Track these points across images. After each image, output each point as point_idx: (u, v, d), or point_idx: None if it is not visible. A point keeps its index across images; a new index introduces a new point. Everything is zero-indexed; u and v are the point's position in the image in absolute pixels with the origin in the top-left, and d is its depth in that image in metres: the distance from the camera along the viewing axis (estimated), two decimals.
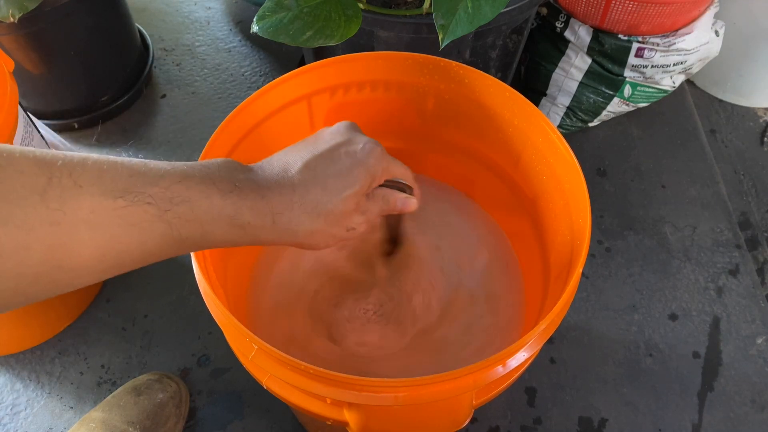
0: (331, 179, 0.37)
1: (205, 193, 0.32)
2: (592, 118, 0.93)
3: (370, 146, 0.40)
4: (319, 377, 0.36)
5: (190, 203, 0.31)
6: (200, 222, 0.32)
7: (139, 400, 0.65)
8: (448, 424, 0.43)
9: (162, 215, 0.30)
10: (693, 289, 0.81)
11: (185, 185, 0.31)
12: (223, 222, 0.33)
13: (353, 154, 0.39)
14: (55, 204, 0.26)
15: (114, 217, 0.28)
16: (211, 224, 0.32)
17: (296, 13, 0.54)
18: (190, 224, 0.31)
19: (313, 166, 0.38)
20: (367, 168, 0.39)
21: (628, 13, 0.78)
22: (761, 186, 1.01)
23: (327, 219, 0.37)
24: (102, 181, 0.28)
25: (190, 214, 0.31)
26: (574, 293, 0.41)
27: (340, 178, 0.38)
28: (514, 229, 0.60)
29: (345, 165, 0.38)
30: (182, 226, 0.31)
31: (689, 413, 0.72)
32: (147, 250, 0.30)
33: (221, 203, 0.33)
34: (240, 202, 0.33)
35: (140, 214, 0.29)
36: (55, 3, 0.78)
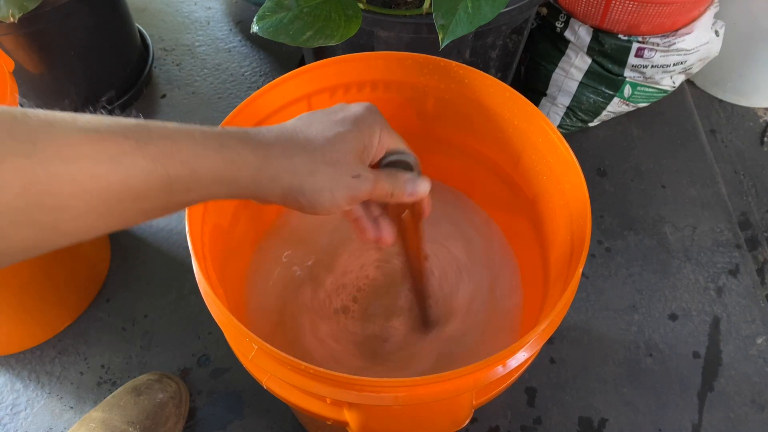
0: (328, 124, 0.36)
1: (186, 131, 0.30)
2: (592, 118, 0.93)
3: (366, 103, 0.39)
4: (319, 377, 0.36)
5: (171, 139, 0.29)
6: (185, 157, 0.30)
7: (139, 400, 0.65)
8: (448, 424, 0.43)
9: (142, 148, 0.28)
10: (693, 289, 0.81)
11: (163, 125, 0.30)
12: (210, 155, 0.31)
13: (347, 109, 0.38)
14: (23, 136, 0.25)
15: (89, 150, 0.26)
16: (197, 158, 0.30)
17: (296, 13, 0.54)
18: (175, 159, 0.29)
19: (306, 116, 0.37)
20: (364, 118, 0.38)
21: (628, 13, 0.78)
22: (761, 186, 1.01)
23: (326, 158, 0.35)
24: (74, 120, 0.27)
25: (172, 148, 0.29)
26: (574, 293, 0.41)
27: (336, 123, 0.37)
28: (514, 229, 0.60)
29: (340, 115, 0.37)
30: (167, 162, 0.29)
31: (689, 413, 0.72)
32: (132, 189, 0.28)
33: (205, 137, 0.31)
34: (226, 138, 0.32)
35: (118, 146, 0.27)
36: (55, 3, 0.78)
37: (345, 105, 0.39)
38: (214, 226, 0.48)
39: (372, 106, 0.39)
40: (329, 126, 0.36)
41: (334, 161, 0.35)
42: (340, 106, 0.39)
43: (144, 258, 0.82)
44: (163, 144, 0.29)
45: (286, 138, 0.35)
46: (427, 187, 0.41)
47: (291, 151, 0.34)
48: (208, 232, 0.47)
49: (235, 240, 0.53)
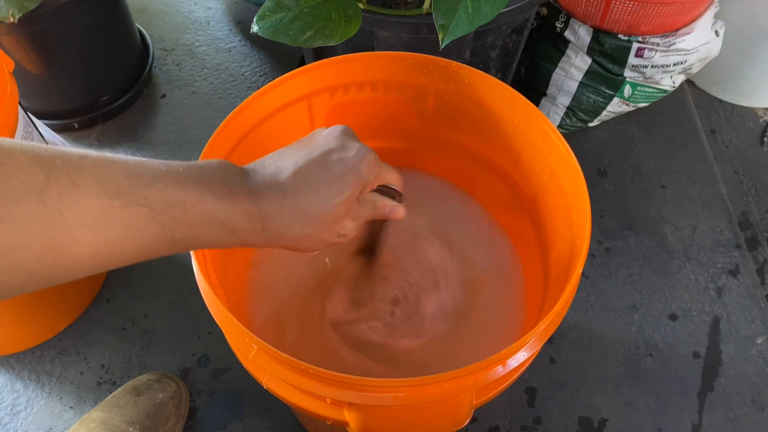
0: (323, 185, 0.37)
1: (199, 196, 0.32)
2: (592, 118, 0.93)
3: (363, 152, 0.40)
4: (319, 377, 0.36)
5: (184, 206, 0.32)
6: (193, 225, 0.32)
7: (139, 400, 0.65)
8: (448, 424, 0.43)
9: (156, 217, 0.30)
10: (693, 289, 0.81)
11: (180, 188, 0.32)
12: (216, 225, 0.33)
13: (346, 161, 0.39)
14: (52, 203, 0.26)
15: (110, 218, 0.28)
16: (203, 227, 0.33)
17: (296, 13, 0.54)
18: (183, 226, 0.32)
19: (305, 171, 0.38)
20: (359, 175, 0.39)
21: (628, 13, 0.78)
22: (761, 186, 1.01)
23: (317, 225, 0.38)
24: (99, 182, 0.28)
25: (183, 217, 0.32)
26: (574, 293, 0.41)
27: (331, 184, 0.38)
28: (514, 229, 0.60)
29: (337, 171, 0.38)
30: (175, 228, 0.31)
31: (689, 413, 0.72)
32: (140, 249, 0.31)
33: (214, 207, 0.33)
34: (232, 208, 0.34)
35: (135, 215, 0.29)
36: (55, 3, 0.78)
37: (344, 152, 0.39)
38: None
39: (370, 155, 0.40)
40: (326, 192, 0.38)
41: (324, 227, 0.38)
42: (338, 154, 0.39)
43: None
44: (175, 213, 0.31)
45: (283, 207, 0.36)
46: (402, 214, 0.43)
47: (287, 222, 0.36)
48: None
49: None
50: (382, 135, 0.60)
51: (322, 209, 0.37)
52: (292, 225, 0.37)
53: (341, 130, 0.41)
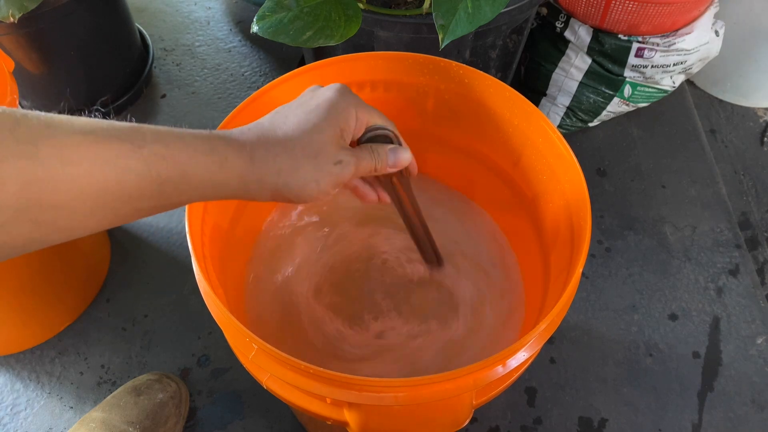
0: (301, 116, 0.37)
1: (177, 135, 0.32)
2: (592, 118, 0.93)
3: (336, 85, 0.40)
4: (319, 377, 0.36)
5: (164, 143, 0.31)
6: (177, 161, 0.31)
7: (139, 400, 0.65)
8: (448, 424, 0.43)
9: (137, 151, 0.30)
10: (693, 289, 0.81)
11: (156, 129, 0.31)
12: (201, 158, 0.32)
13: (319, 95, 0.39)
14: (24, 138, 0.26)
15: (87, 152, 0.28)
16: (188, 162, 0.32)
17: (296, 13, 0.54)
18: (167, 163, 0.31)
19: (281, 111, 0.38)
20: (335, 102, 0.38)
21: (628, 13, 0.78)
22: (761, 186, 1.01)
23: (306, 152, 0.37)
24: (71, 123, 0.28)
25: (165, 151, 0.31)
26: (574, 293, 0.41)
27: (310, 113, 0.38)
28: (514, 229, 0.60)
29: (313, 104, 0.38)
30: (160, 165, 0.31)
31: (689, 413, 0.72)
32: (126, 190, 0.30)
33: (195, 141, 0.32)
34: (215, 140, 0.33)
35: (114, 150, 0.29)
36: (55, 3, 0.78)
37: (316, 90, 0.40)
38: (214, 226, 0.48)
39: (343, 88, 0.40)
40: (304, 118, 0.37)
41: (315, 153, 0.37)
42: (311, 93, 0.40)
43: (144, 258, 0.82)
44: (156, 148, 0.30)
45: (266, 138, 0.36)
46: (408, 155, 0.43)
47: (273, 150, 0.36)
48: (208, 232, 0.47)
49: (235, 240, 0.53)
50: None
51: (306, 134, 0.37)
52: (281, 156, 0.36)
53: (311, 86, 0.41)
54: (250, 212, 0.56)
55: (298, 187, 0.37)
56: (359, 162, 0.39)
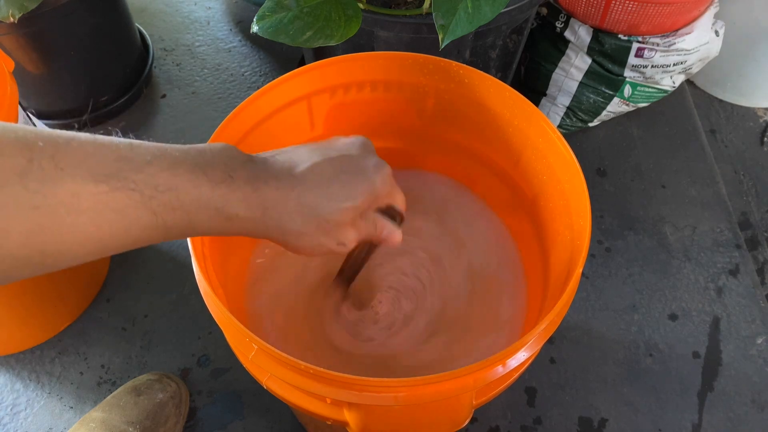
0: (336, 185, 0.36)
1: (193, 182, 0.31)
2: (592, 118, 0.93)
3: (382, 165, 0.39)
4: (319, 377, 0.36)
5: (176, 192, 0.30)
6: (186, 211, 0.31)
7: (139, 400, 0.65)
8: (448, 424, 0.43)
9: (146, 202, 0.29)
10: (693, 289, 0.81)
11: (173, 172, 0.30)
12: (211, 212, 0.32)
13: (364, 169, 0.38)
14: (34, 186, 0.25)
15: (96, 202, 0.27)
16: (197, 214, 0.31)
17: (296, 13, 0.54)
18: (176, 213, 0.30)
19: (320, 168, 0.36)
20: (373, 186, 0.38)
21: (628, 13, 0.78)
22: (761, 186, 1.01)
23: (320, 225, 0.36)
24: (85, 165, 0.27)
25: (176, 203, 0.30)
26: (574, 293, 0.41)
27: (344, 187, 0.37)
28: (514, 229, 0.60)
29: (353, 177, 0.37)
30: (167, 215, 0.30)
31: (689, 413, 0.72)
32: (131, 236, 0.29)
33: (210, 194, 0.31)
34: (230, 194, 0.32)
35: (124, 200, 0.28)
36: (55, 3, 0.78)
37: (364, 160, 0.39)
38: None
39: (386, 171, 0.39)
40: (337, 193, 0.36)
41: (327, 231, 0.36)
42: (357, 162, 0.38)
43: (144, 258, 0.82)
44: (167, 198, 0.30)
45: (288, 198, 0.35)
46: (398, 240, 0.42)
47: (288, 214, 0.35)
48: None
49: (235, 240, 0.53)
50: (382, 135, 0.60)
51: (329, 209, 0.36)
52: (295, 218, 0.35)
53: (363, 141, 0.40)
54: None
55: (293, 247, 0.37)
56: (359, 236, 0.39)
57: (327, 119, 0.57)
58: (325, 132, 0.58)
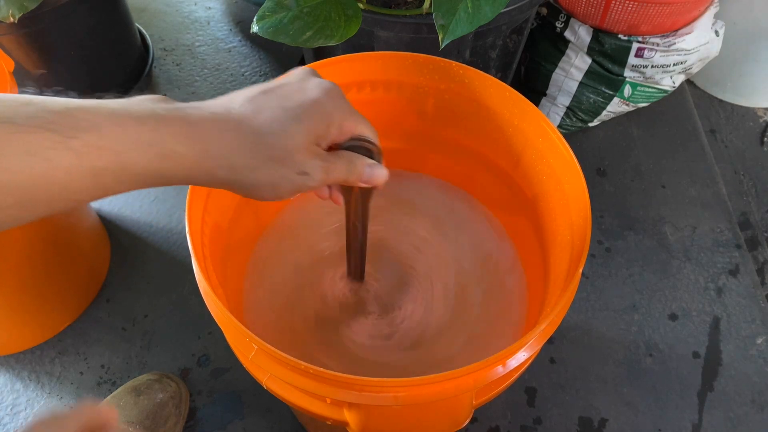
0: (278, 111, 0.33)
1: (116, 120, 0.28)
2: (592, 118, 0.93)
3: (327, 84, 0.35)
4: (319, 377, 0.36)
5: (98, 130, 0.28)
6: (114, 151, 0.28)
7: (139, 400, 0.65)
8: (448, 424, 0.43)
9: (66, 143, 0.27)
10: (693, 289, 0.81)
11: (93, 113, 0.28)
12: (142, 150, 0.29)
13: (305, 90, 0.35)
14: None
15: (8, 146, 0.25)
16: (127, 153, 0.28)
17: (296, 13, 0.54)
18: (103, 152, 0.28)
19: (259, 100, 0.34)
20: (321, 105, 0.34)
21: (628, 13, 0.78)
22: (761, 186, 1.01)
23: (271, 154, 0.33)
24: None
25: (100, 142, 0.28)
26: (574, 293, 0.41)
27: (287, 111, 0.33)
28: (514, 229, 0.60)
29: (295, 100, 0.34)
30: (93, 156, 0.27)
31: (689, 413, 0.72)
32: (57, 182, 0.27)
33: (137, 129, 0.29)
34: (161, 128, 0.30)
35: (39, 141, 0.26)
36: (55, 3, 0.78)
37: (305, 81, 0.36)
38: (214, 226, 0.48)
39: (334, 89, 0.36)
40: (280, 116, 0.33)
41: (280, 158, 0.33)
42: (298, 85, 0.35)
43: (144, 258, 0.82)
44: (90, 137, 0.27)
45: (228, 128, 0.32)
46: (385, 175, 0.39)
47: (232, 144, 0.32)
48: (208, 233, 0.47)
49: (235, 240, 0.53)
50: (382, 135, 0.60)
51: (275, 133, 0.32)
52: (241, 152, 0.32)
53: (304, 68, 0.37)
54: (250, 212, 0.56)
55: (252, 188, 0.33)
56: (329, 172, 0.35)
57: None
58: None
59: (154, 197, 0.88)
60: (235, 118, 0.33)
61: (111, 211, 0.87)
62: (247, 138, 0.32)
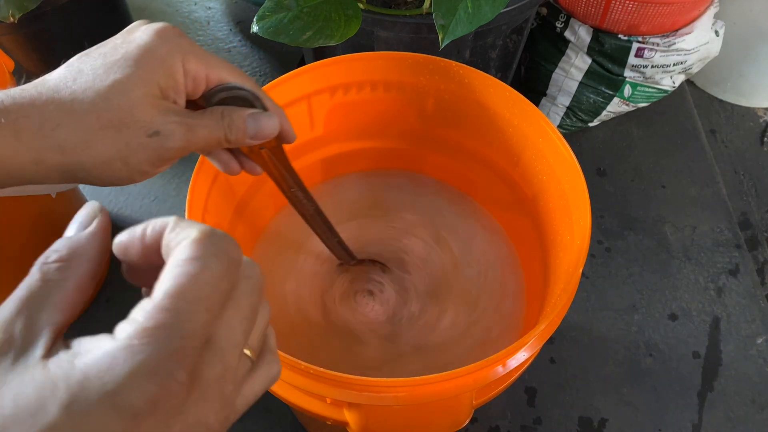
0: (101, 69, 0.28)
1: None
2: (592, 118, 0.93)
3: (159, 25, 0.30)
4: (319, 377, 0.36)
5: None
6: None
7: None
8: (448, 424, 0.43)
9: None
10: (693, 289, 0.81)
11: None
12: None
13: (131, 41, 0.29)
14: None
15: None
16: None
17: (296, 13, 0.54)
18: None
19: (76, 63, 0.29)
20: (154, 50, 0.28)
21: (628, 13, 0.78)
22: (761, 186, 1.01)
23: (102, 119, 0.27)
24: None
25: None
26: (574, 293, 0.41)
27: (110, 67, 0.28)
28: (514, 229, 0.60)
29: (118, 53, 0.28)
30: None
31: (689, 413, 0.72)
32: None
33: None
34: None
35: None
36: (55, 3, 0.78)
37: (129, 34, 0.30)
38: (214, 226, 0.48)
39: (166, 29, 0.30)
40: (104, 73, 0.28)
41: (117, 122, 0.27)
42: (123, 37, 0.30)
43: None
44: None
45: (44, 101, 0.27)
46: (274, 123, 0.32)
47: (51, 120, 0.26)
48: None
49: (236, 240, 0.53)
50: (382, 135, 0.60)
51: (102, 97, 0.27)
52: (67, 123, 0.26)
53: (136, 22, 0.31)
54: (250, 212, 0.56)
55: (97, 168, 0.28)
56: (194, 131, 0.29)
57: (327, 119, 0.57)
58: (325, 132, 0.58)
59: (154, 197, 0.88)
60: (51, 88, 0.27)
61: (111, 211, 0.87)
62: (71, 108, 0.27)
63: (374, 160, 0.62)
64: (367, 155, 0.62)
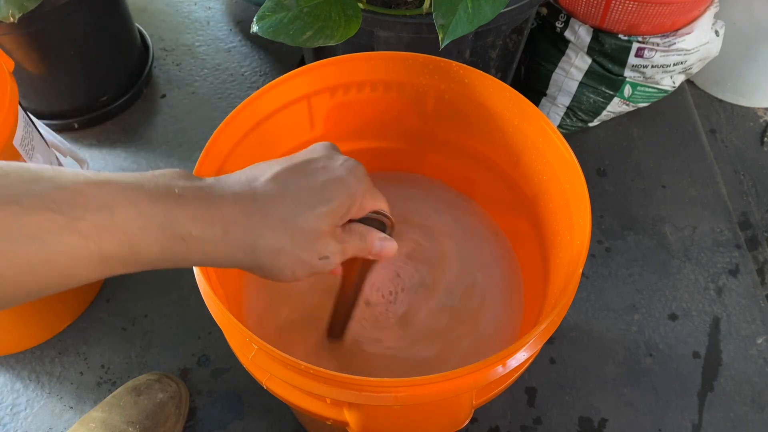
0: (305, 192, 0.32)
1: (129, 197, 0.26)
2: (592, 118, 0.93)
3: (352, 163, 0.35)
4: (319, 377, 0.36)
5: (110, 210, 0.25)
6: (125, 233, 0.26)
7: (139, 400, 0.65)
8: (448, 424, 0.43)
9: (72, 224, 0.24)
10: (693, 289, 0.81)
11: (104, 190, 0.26)
12: (155, 232, 0.27)
13: (331, 170, 0.34)
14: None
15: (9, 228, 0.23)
16: (139, 236, 0.26)
17: (296, 13, 0.54)
18: (112, 236, 0.26)
19: (284, 177, 0.32)
20: (347, 186, 0.34)
21: (628, 13, 0.78)
22: (761, 186, 1.01)
23: (295, 237, 0.31)
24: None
25: (110, 223, 0.25)
26: (574, 293, 0.41)
27: (314, 192, 0.32)
28: (514, 229, 0.60)
29: (321, 179, 0.33)
30: (102, 239, 0.25)
31: (689, 413, 0.72)
32: (57, 266, 0.25)
33: (151, 210, 0.27)
34: (177, 209, 0.28)
35: (40, 222, 0.24)
36: (55, 3, 0.78)
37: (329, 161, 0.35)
38: None
39: (358, 169, 0.35)
40: (307, 197, 0.32)
41: (304, 243, 0.32)
42: (323, 162, 0.34)
43: None
44: (97, 218, 0.25)
45: (253, 211, 0.30)
46: (394, 249, 0.38)
47: (257, 229, 0.30)
48: None
49: None
50: (382, 135, 0.60)
51: (301, 216, 0.31)
52: (264, 234, 0.30)
53: (325, 144, 0.37)
54: None
55: (270, 270, 0.32)
56: (345, 252, 0.35)
57: (327, 119, 0.57)
58: (325, 132, 0.58)
59: None
60: (261, 199, 0.31)
61: None
62: (272, 222, 0.31)
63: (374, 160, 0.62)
64: (367, 155, 0.61)
